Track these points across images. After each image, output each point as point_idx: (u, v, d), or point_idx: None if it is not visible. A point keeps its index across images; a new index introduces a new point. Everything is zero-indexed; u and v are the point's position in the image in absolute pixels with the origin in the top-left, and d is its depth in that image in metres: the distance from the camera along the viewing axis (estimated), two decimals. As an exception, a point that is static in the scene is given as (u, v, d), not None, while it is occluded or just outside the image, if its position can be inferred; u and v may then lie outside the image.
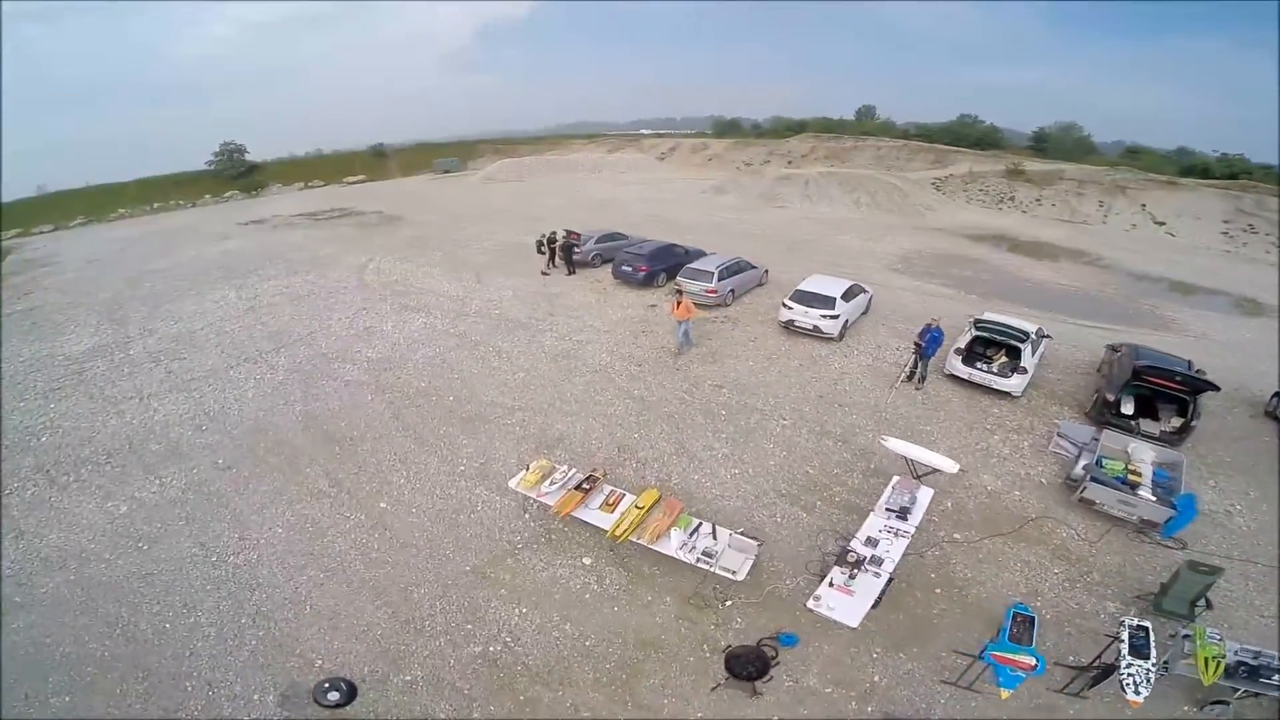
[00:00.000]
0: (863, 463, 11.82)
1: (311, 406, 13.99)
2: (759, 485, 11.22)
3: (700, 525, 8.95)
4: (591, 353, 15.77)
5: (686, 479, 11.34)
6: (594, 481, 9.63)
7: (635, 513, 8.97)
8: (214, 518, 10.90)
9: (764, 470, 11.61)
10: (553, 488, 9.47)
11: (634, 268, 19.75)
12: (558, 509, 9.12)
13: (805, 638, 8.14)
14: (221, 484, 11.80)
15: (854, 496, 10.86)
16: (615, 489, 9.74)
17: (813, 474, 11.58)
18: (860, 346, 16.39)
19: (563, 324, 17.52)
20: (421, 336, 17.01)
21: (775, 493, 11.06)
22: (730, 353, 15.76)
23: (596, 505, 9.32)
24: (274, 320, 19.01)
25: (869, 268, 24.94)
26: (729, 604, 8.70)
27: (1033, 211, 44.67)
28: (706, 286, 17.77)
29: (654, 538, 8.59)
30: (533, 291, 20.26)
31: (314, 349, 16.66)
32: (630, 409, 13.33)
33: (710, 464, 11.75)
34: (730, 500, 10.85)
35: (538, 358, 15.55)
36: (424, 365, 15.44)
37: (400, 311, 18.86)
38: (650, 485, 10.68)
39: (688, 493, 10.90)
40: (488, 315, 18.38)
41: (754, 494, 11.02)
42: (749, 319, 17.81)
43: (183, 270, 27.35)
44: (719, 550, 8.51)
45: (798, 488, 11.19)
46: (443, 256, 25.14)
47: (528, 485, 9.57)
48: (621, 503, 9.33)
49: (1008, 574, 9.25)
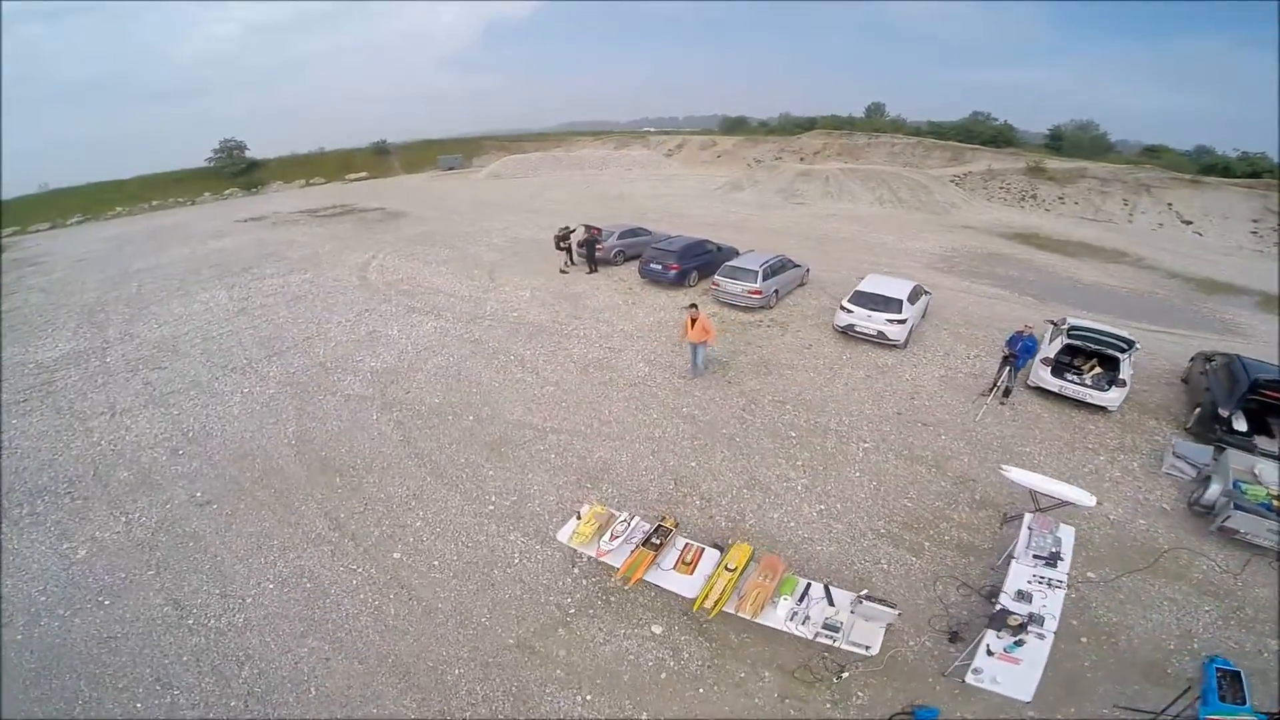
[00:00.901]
0: (965, 493, 9.93)
1: (307, 427, 11.89)
2: (852, 524, 9.24)
3: (809, 587, 6.95)
4: (627, 362, 13.69)
5: (763, 518, 9.31)
6: (665, 533, 7.53)
7: (726, 576, 6.91)
8: (190, 567, 8.88)
9: (854, 505, 9.62)
10: (615, 543, 7.37)
11: (664, 266, 17.68)
12: (625, 573, 7.06)
13: (946, 709, 6.46)
14: (199, 523, 9.74)
15: (965, 534, 9.05)
16: (691, 542, 7.67)
17: (912, 507, 9.64)
18: (928, 354, 14.38)
19: (589, 328, 15.43)
20: (432, 343, 14.90)
21: (873, 532, 9.10)
22: (784, 361, 13.72)
23: (671, 564, 7.26)
24: (266, 324, 16.90)
25: (910, 267, 22.90)
26: (844, 675, 6.80)
27: (1056, 210, 42.88)
28: (750, 287, 15.70)
29: (756, 609, 6.57)
30: (552, 291, 18.18)
31: (310, 357, 14.55)
32: (682, 431, 11.27)
33: (789, 499, 9.72)
34: (821, 544, 8.86)
35: (566, 368, 13.47)
36: (436, 377, 13.33)
37: (407, 314, 16.76)
38: (726, 529, 8.72)
39: (768, 536, 8.91)
40: (505, 318, 16.29)
41: (848, 535, 9.03)
42: (798, 323, 15.76)
43: (173, 269, 25.32)
44: (843, 620, 6.49)
45: (898, 525, 9.25)
46: (451, 253, 23.02)
47: (582, 540, 7.51)
48: (702, 560, 7.28)
49: (1156, 615, 7.81)
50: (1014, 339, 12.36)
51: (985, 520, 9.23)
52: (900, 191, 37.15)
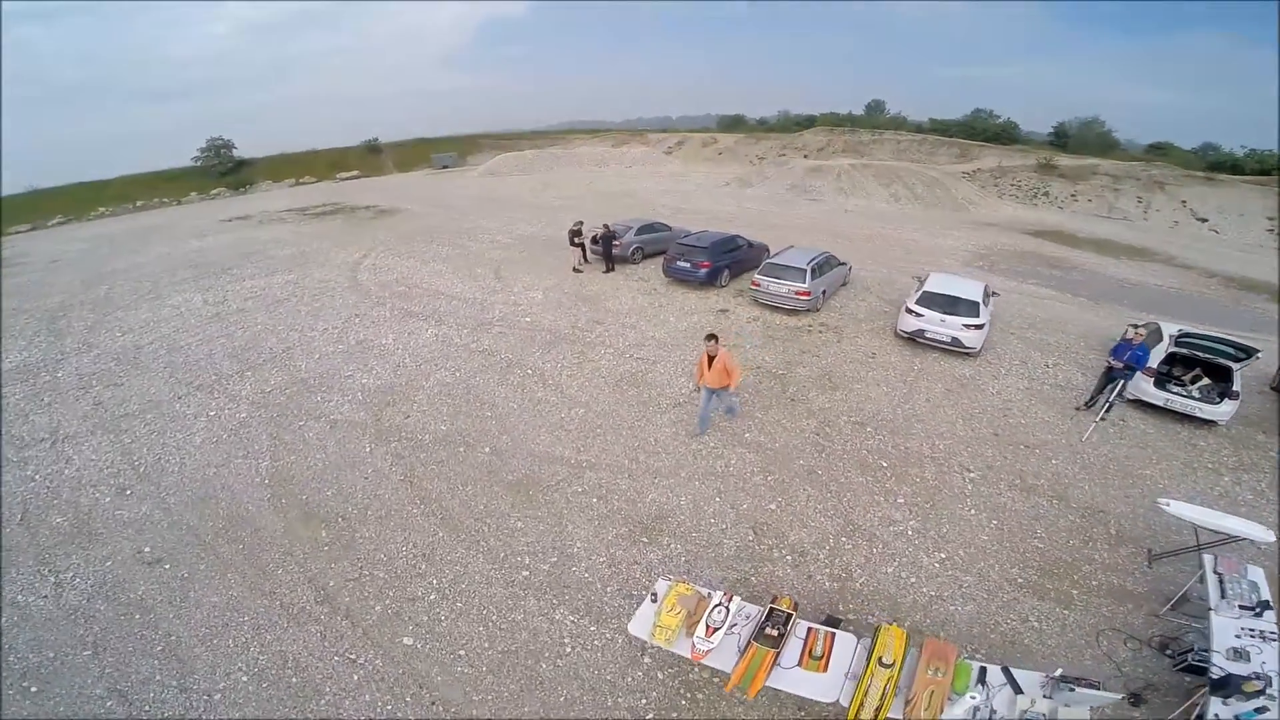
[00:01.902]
0: (1098, 527, 8.07)
1: (284, 462, 9.56)
2: (983, 574, 7.23)
3: (984, 672, 4.84)
4: (665, 376, 11.45)
5: (875, 575, 7.22)
6: (783, 619, 5.28)
7: (882, 674, 4.69)
8: (138, 647, 6.68)
9: (979, 550, 7.62)
10: (715, 638, 5.10)
11: (693, 263, 15.45)
12: (741, 682, 4.80)
13: None
14: (148, 588, 7.49)
15: (1112, 576, 7.30)
16: (816, 627, 5.44)
17: (1044, 548, 7.72)
18: (1004, 363, 12.32)
19: (616, 335, 13.18)
20: (434, 354, 12.58)
21: (1009, 583, 7.14)
22: (850, 374, 11.55)
23: (795, 660, 5.03)
24: (242, 332, 14.51)
25: (949, 266, 20.82)
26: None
27: (1070, 207, 41.15)
28: (797, 287, 13.52)
29: (935, 712, 4.37)
30: (567, 292, 15.91)
31: (290, 372, 12.21)
32: (750, 464, 9.06)
33: (900, 547, 7.63)
34: (954, 603, 6.85)
35: (596, 385, 11.20)
36: (441, 397, 11.01)
37: (403, 319, 14.41)
38: (833, 593, 6.50)
39: (886, 598, 6.86)
40: (517, 324, 13.98)
41: (982, 589, 7.03)
42: (852, 327, 13.60)
43: (147, 270, 22.80)
44: (1041, 712, 4.39)
45: (1035, 571, 7.33)
46: (452, 251, 20.66)
47: (667, 635, 5.20)
48: (835, 650, 5.05)
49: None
50: (1121, 348, 10.51)
51: (1129, 559, 7.60)
52: (916, 188, 35.13)
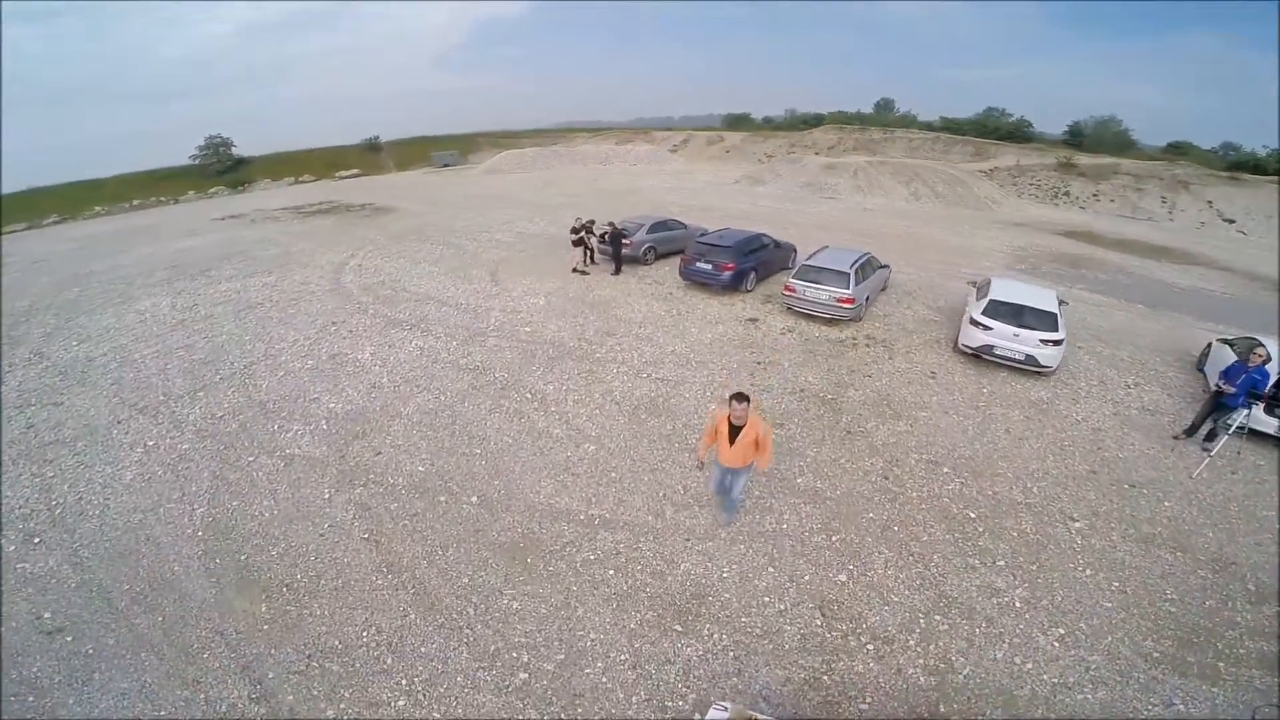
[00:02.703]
0: (1233, 583, 6.46)
1: (224, 509, 7.64)
2: (1112, 651, 5.59)
3: None
4: (691, 402, 9.49)
5: (982, 663, 5.44)
6: None
7: None
8: None
9: (1102, 620, 5.93)
10: None
11: (715, 265, 13.49)
12: None
13: None
14: (45, 664, 5.86)
15: (1260, 642, 5.83)
16: None
17: (1177, 613, 6.08)
18: (1080, 384, 10.42)
19: (629, 349, 11.23)
20: (416, 372, 10.61)
21: (1143, 659, 5.53)
22: (910, 398, 9.60)
23: None
24: (204, 342, 12.59)
25: (987, 268, 18.87)
26: None
27: (1092, 207, 39.21)
28: (840, 294, 11.57)
29: None
30: (573, 297, 13.96)
31: (248, 393, 10.27)
32: (808, 519, 7.12)
33: (1007, 623, 5.86)
34: (1083, 690, 5.24)
35: (608, 413, 9.22)
36: (421, 427, 9.05)
37: (385, 329, 12.45)
38: (929, 689, 4.56)
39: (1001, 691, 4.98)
40: (514, 335, 12.03)
41: (1113, 670, 5.41)
42: (902, 340, 11.65)
43: (125, 271, 20.94)
44: None
45: (1171, 642, 5.73)
46: (445, 251, 18.72)
47: None
48: None
49: None
50: (1234, 370, 8.69)
51: (1275, 619, 6.11)
52: (936, 186, 33.14)
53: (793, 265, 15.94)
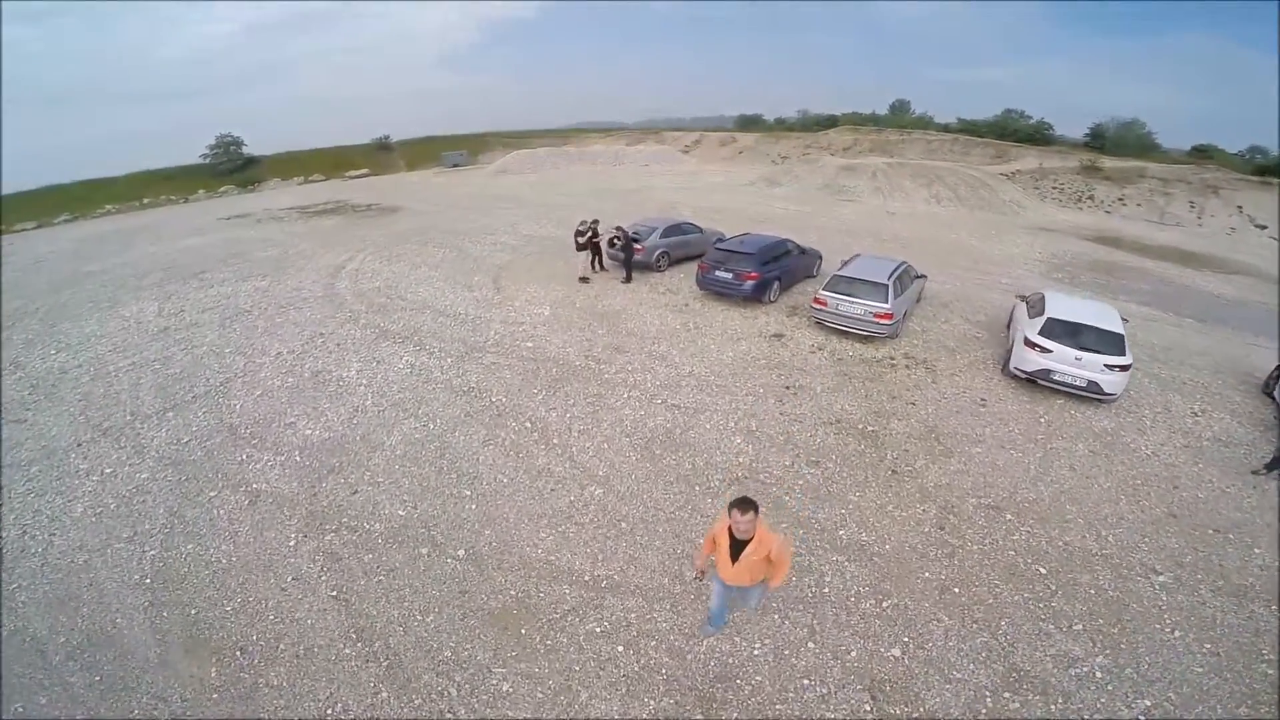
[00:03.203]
0: None
1: (176, 553, 6.58)
2: None
3: None
4: (713, 434, 8.29)
5: None
6: None
7: None
8: None
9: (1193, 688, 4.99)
10: None
11: (735, 274, 12.29)
12: None
13: None
14: None
15: None
16: None
17: (1275, 676, 5.00)
18: (1144, 411, 9.21)
19: (641, 370, 10.05)
20: (404, 394, 9.47)
21: None
22: (962, 431, 8.37)
23: None
24: (183, 354, 11.57)
25: (1021, 275, 17.56)
26: None
27: (1118, 211, 37.55)
28: (877, 308, 10.34)
29: None
30: (580, 308, 12.81)
31: (220, 414, 9.19)
32: (854, 581, 5.93)
33: (1088, 697, 4.92)
34: None
35: (618, 447, 8.03)
36: (406, 462, 7.91)
37: (375, 342, 11.34)
38: None
39: None
40: (515, 350, 10.88)
41: None
42: (945, 361, 10.42)
43: (121, 272, 20.09)
44: None
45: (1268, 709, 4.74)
46: (448, 255, 17.63)
47: None
48: None
49: None
50: None
51: None
52: (959, 189, 31.71)
53: (817, 273, 14.73)
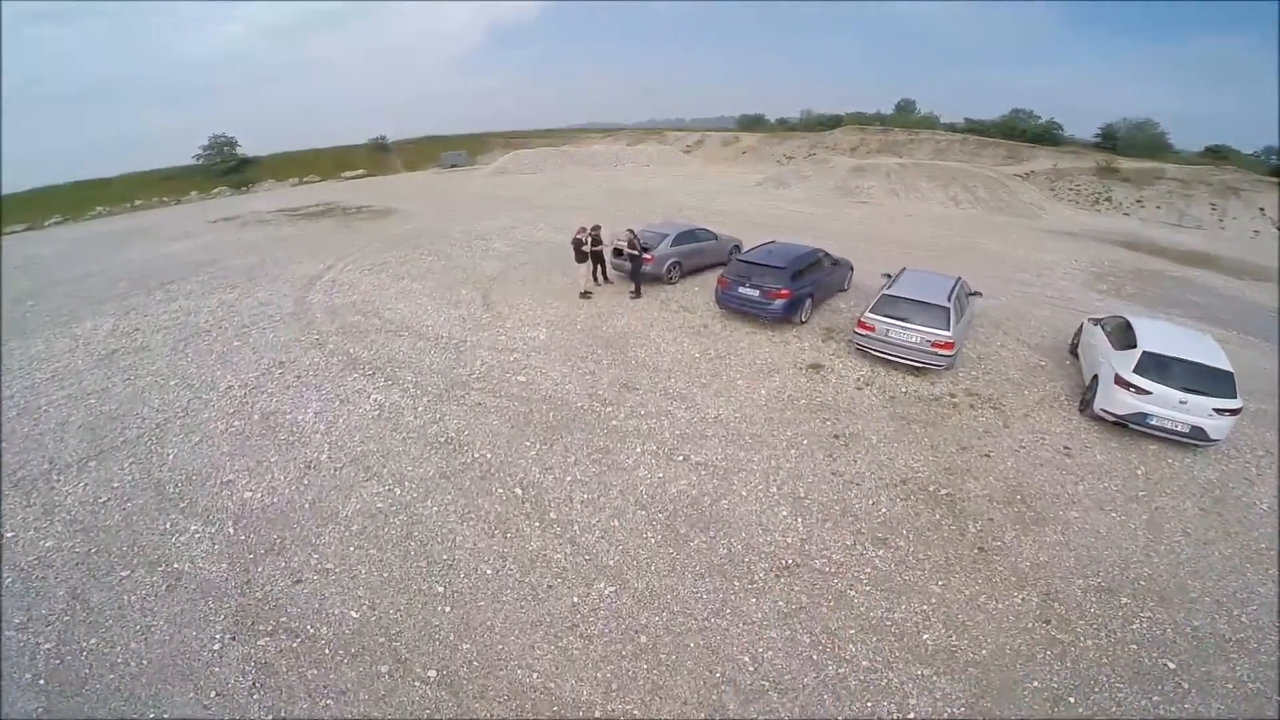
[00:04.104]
0: None
1: (77, 648, 4.88)
2: None
3: None
4: (752, 504, 6.55)
5: None
6: None
7: None
8: None
9: None
10: None
11: (763, 291, 10.51)
12: None
13: None
14: None
15: None
16: None
17: None
18: (1245, 455, 7.52)
19: (656, 414, 8.30)
20: (369, 446, 7.71)
21: None
22: (1051, 490, 6.69)
23: None
24: (123, 385, 9.85)
25: (1064, 287, 15.86)
26: None
27: (1136, 213, 35.87)
28: (936, 336, 8.61)
29: None
30: (581, 330, 11.08)
31: (148, 466, 7.46)
32: (944, 699, 4.21)
33: None
34: None
35: (632, 524, 6.28)
36: (363, 540, 6.18)
37: (342, 374, 9.58)
38: None
39: None
40: (505, 388, 9.11)
41: None
42: (1012, 397, 8.70)
43: (92, 281, 18.42)
44: None
45: None
46: (435, 264, 15.91)
47: None
48: None
49: None
50: None
51: None
52: (977, 190, 30.00)
53: (848, 287, 13.02)
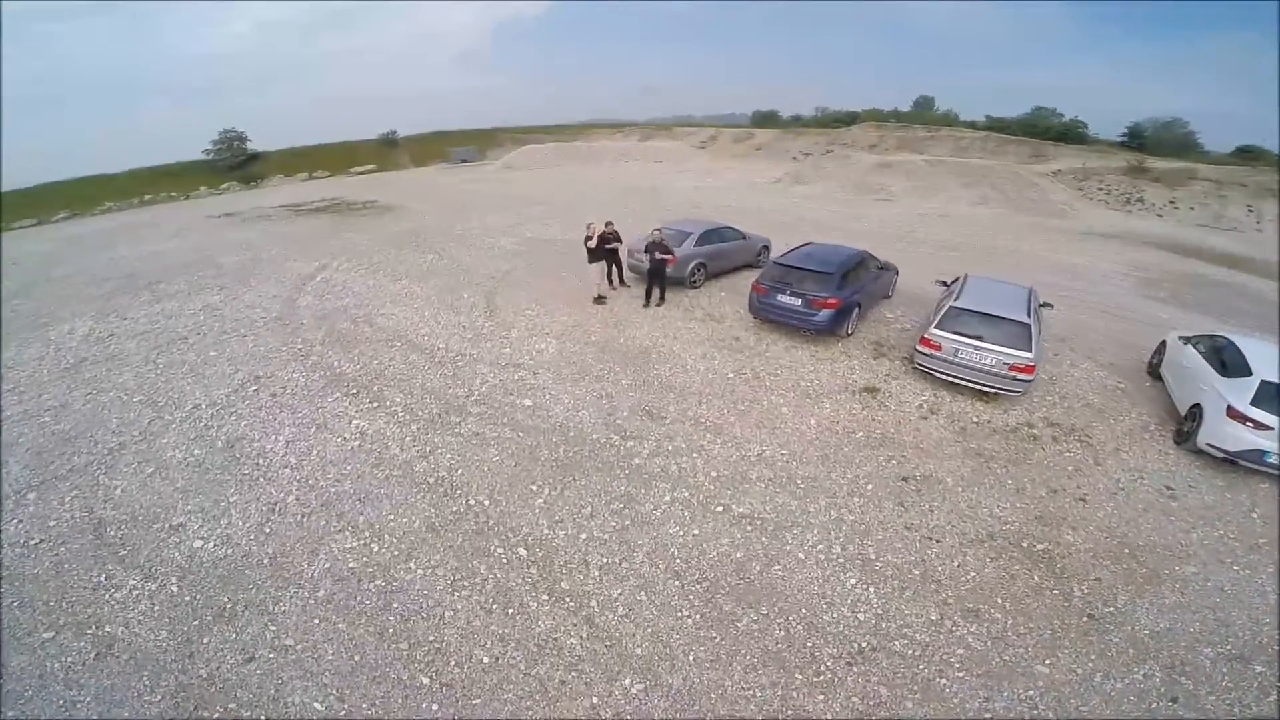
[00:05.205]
0: None
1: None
2: None
3: None
4: (810, 568, 5.23)
5: None
6: None
7: None
8: None
9: None
10: None
11: (806, 299, 9.12)
12: None
13: None
14: None
15: None
16: None
17: None
18: None
19: (686, 449, 6.97)
20: (345, 486, 6.41)
21: None
22: (1161, 540, 5.39)
23: None
24: (84, 401, 8.66)
25: (1113, 294, 14.41)
26: None
27: (1170, 215, 34.12)
28: (1015, 359, 7.25)
29: None
30: (596, 344, 9.78)
31: (91, 502, 6.23)
32: None
33: None
34: None
35: (662, 597, 4.96)
36: (329, 610, 4.90)
37: (322, 393, 8.32)
38: None
39: None
40: (507, 413, 7.80)
41: None
42: (1098, 427, 7.34)
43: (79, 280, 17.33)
44: None
45: None
46: (438, 263, 14.67)
47: None
48: None
49: None
50: None
51: None
52: (1005, 189, 28.44)
53: (892, 294, 11.67)
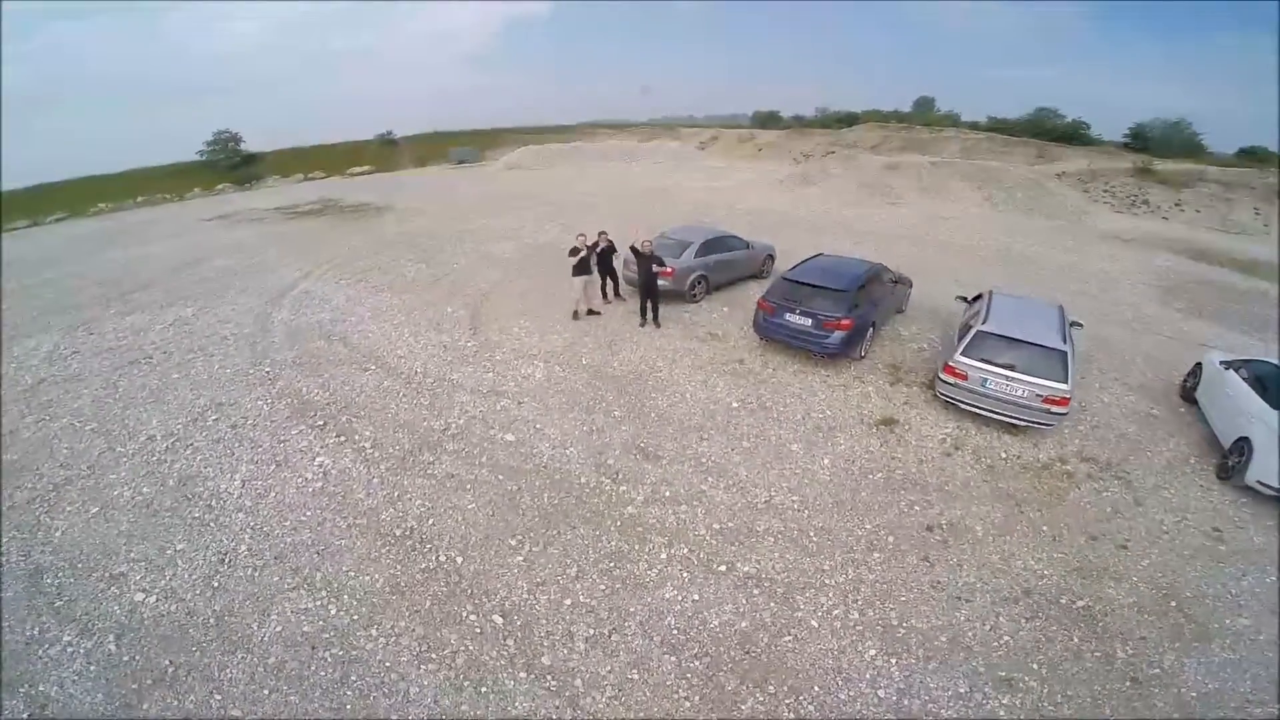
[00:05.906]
0: None
1: None
2: None
3: None
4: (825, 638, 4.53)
5: None
6: None
7: None
8: None
9: None
10: None
11: (817, 319, 8.36)
12: None
13: None
14: None
15: None
16: None
17: None
18: None
19: (688, 496, 6.25)
20: (302, 535, 5.69)
21: None
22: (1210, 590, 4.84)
23: None
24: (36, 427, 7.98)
25: (1134, 302, 13.69)
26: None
27: (1175, 217, 33.31)
28: (1050, 390, 6.54)
29: None
30: (586, 365, 9.05)
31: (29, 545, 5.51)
32: None
33: None
34: None
35: (658, 673, 4.24)
36: (279, 680, 4.21)
37: (286, 424, 7.57)
38: None
39: None
40: (487, 450, 7.05)
41: None
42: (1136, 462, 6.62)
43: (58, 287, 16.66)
44: None
45: None
46: (423, 272, 13.95)
47: None
48: None
49: None
50: None
51: None
52: (1015, 191, 27.71)
53: (905, 308, 10.94)
